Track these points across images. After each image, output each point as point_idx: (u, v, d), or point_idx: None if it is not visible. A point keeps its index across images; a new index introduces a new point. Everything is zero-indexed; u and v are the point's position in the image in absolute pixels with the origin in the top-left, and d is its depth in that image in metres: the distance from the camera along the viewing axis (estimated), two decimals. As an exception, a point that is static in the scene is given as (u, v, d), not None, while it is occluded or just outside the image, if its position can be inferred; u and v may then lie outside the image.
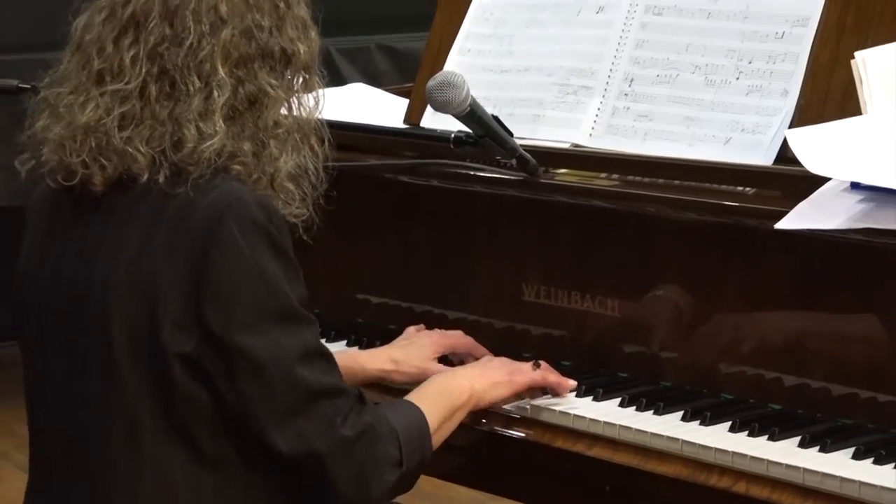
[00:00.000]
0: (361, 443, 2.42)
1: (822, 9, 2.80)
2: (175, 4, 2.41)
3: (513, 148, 2.88)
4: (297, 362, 2.38)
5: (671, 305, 2.80)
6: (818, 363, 2.63)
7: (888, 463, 2.41)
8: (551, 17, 3.14)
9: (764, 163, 2.75)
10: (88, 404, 2.45)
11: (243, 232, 2.35)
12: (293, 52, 2.49)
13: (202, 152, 2.37)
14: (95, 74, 2.42)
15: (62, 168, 2.42)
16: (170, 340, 2.36)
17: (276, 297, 2.38)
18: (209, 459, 2.42)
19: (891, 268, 2.51)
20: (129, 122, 2.39)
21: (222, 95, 2.39)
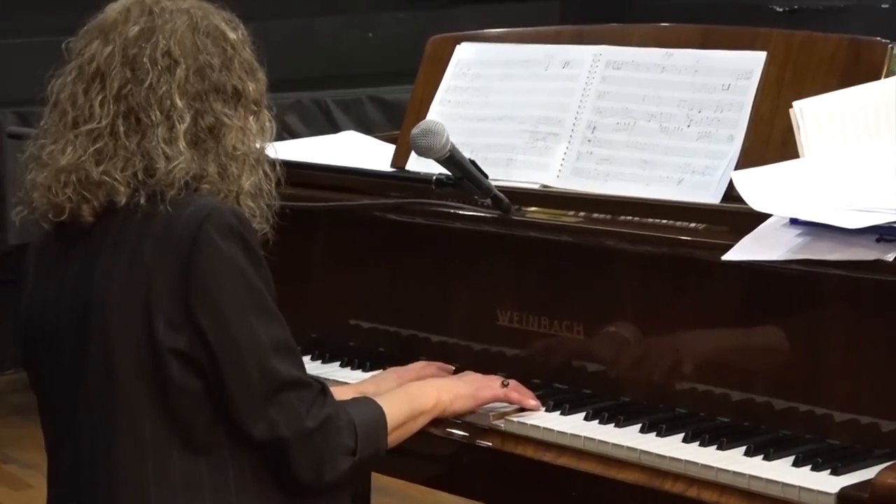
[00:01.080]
0: (321, 433, 2.46)
1: (764, 64, 2.81)
2: (133, 53, 2.47)
3: (488, 189, 2.89)
4: (271, 354, 2.43)
5: (630, 329, 2.80)
6: (761, 380, 2.64)
7: (824, 470, 2.41)
8: (522, 72, 3.15)
9: (712, 201, 2.76)
10: (91, 409, 2.47)
11: (222, 236, 2.40)
12: (242, 89, 2.54)
13: (172, 174, 2.42)
14: (71, 122, 2.48)
15: (52, 207, 2.48)
16: (164, 338, 2.40)
17: (253, 294, 2.43)
18: (203, 445, 2.46)
19: (825, 294, 2.53)
20: (103, 157, 2.44)
21: (183, 123, 2.45)
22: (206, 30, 2.52)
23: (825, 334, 2.55)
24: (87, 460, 2.50)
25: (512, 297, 2.96)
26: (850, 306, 2.51)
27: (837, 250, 2.41)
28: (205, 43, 2.51)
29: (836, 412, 2.54)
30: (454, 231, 3.03)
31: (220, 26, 2.54)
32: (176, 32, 2.49)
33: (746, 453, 2.52)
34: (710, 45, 2.92)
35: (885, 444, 2.47)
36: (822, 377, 2.56)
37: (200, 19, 2.53)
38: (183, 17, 2.51)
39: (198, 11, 2.54)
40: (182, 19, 2.51)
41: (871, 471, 2.34)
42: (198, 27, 2.51)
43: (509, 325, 2.97)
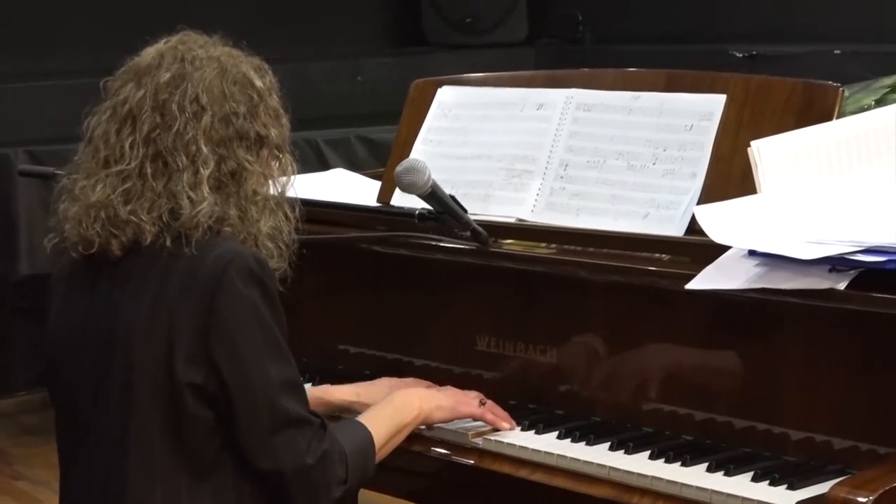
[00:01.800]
0: (318, 468, 2.46)
1: (724, 106, 2.82)
2: (163, 98, 2.46)
3: (467, 222, 2.88)
4: (280, 392, 2.43)
5: (600, 353, 2.80)
6: (722, 401, 2.64)
7: (781, 484, 2.41)
8: (499, 114, 3.15)
9: (676, 234, 2.76)
10: (107, 433, 2.46)
11: (243, 281, 2.40)
12: (266, 135, 2.53)
13: (197, 217, 2.41)
14: (102, 160, 2.48)
15: (82, 240, 2.46)
16: (183, 372, 2.39)
17: (268, 336, 2.43)
18: (209, 470, 2.46)
19: (781, 321, 2.53)
20: (131, 196, 2.44)
21: (207, 169, 2.44)
22: (234, 78, 2.51)
23: (781, 358, 2.55)
24: (101, 479, 2.49)
25: (489, 324, 2.96)
26: (804, 332, 2.51)
27: (793, 280, 2.41)
28: (232, 91, 2.50)
29: (792, 431, 2.54)
30: (436, 262, 3.03)
31: (248, 74, 2.54)
32: (205, 80, 2.48)
33: (708, 469, 2.51)
34: (674, 88, 2.92)
35: (838, 461, 2.47)
36: (778, 398, 2.56)
37: (230, 67, 2.52)
38: (213, 65, 2.50)
39: (228, 59, 2.53)
40: (212, 67, 2.50)
41: (824, 485, 2.34)
42: (226, 75, 2.50)
43: (487, 350, 2.97)
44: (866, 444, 2.44)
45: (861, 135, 2.74)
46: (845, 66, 5.44)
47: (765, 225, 2.52)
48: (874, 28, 6.28)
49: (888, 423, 2.37)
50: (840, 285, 2.37)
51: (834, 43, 6.20)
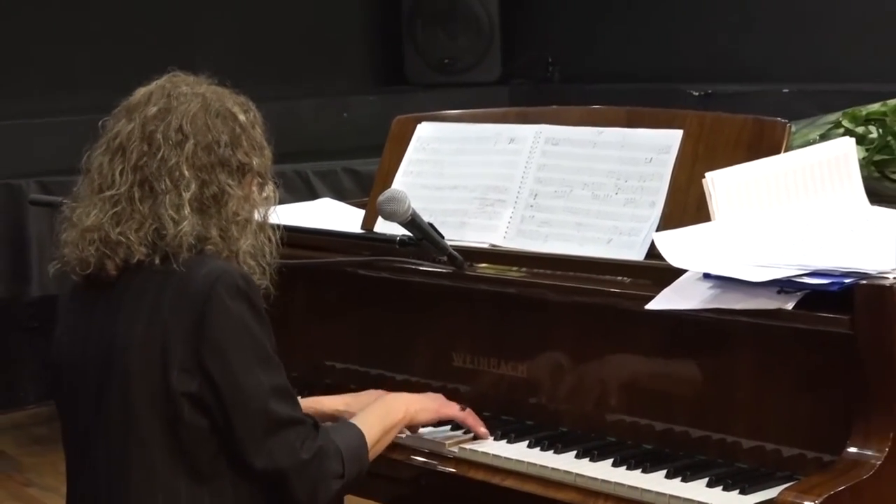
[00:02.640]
0: (314, 463, 2.45)
1: (680, 140, 2.82)
2: (150, 129, 2.49)
3: (444, 248, 2.88)
4: (270, 397, 2.43)
5: (567, 368, 2.80)
6: (680, 412, 2.63)
7: (734, 490, 2.41)
8: (474, 147, 3.15)
9: (637, 258, 2.76)
10: (110, 443, 2.46)
11: (230, 296, 2.41)
12: (248, 163, 2.54)
13: (179, 236, 2.42)
14: (97, 188, 2.50)
15: (79, 261, 2.48)
16: (178, 382, 2.40)
17: (256, 346, 2.43)
18: (207, 476, 2.45)
19: (734, 338, 2.53)
20: (121, 219, 2.45)
21: (188, 192, 2.45)
22: (217, 111, 2.52)
23: (734, 372, 2.55)
24: (104, 485, 2.48)
25: (465, 341, 2.96)
26: (755, 348, 2.51)
27: (744, 300, 2.42)
28: (215, 122, 2.51)
29: (743, 440, 2.54)
30: (415, 284, 3.02)
31: (231, 108, 2.55)
32: (189, 113, 2.49)
33: (667, 476, 2.51)
34: (635, 124, 2.92)
35: (786, 468, 2.47)
36: (731, 409, 2.56)
37: (213, 102, 2.53)
38: (197, 100, 2.52)
39: (212, 95, 2.55)
40: (196, 101, 2.51)
41: (773, 490, 2.34)
42: (209, 108, 2.52)
43: (463, 366, 2.96)
44: (812, 452, 2.44)
45: (807, 167, 2.75)
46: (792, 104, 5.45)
47: (718, 250, 2.52)
48: (819, 69, 6.31)
49: (832, 432, 2.37)
50: (788, 305, 2.38)
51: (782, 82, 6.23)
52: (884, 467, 2.29)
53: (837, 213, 2.71)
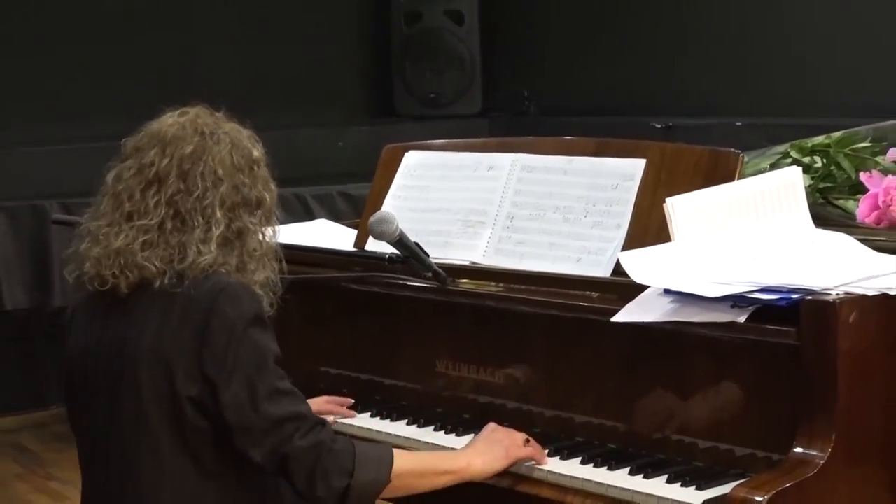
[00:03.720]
0: (313, 453, 2.40)
1: (644, 168, 2.82)
2: (187, 168, 2.47)
3: (429, 265, 2.88)
4: (266, 400, 2.39)
5: (539, 375, 2.80)
6: (642, 415, 2.63)
7: (691, 486, 2.41)
8: (456, 174, 3.15)
9: (604, 275, 2.76)
10: (121, 439, 2.45)
11: (231, 307, 2.40)
12: (262, 199, 2.54)
13: (198, 264, 2.42)
14: (126, 214, 2.47)
15: (98, 277, 2.47)
16: (182, 387, 2.38)
17: (253, 352, 2.40)
18: (212, 472, 2.44)
19: (691, 348, 2.53)
20: (149, 246, 2.44)
21: (218, 229, 2.45)
22: (241, 153, 2.52)
23: (691, 379, 2.55)
24: (116, 479, 2.47)
25: (447, 350, 2.95)
26: (710, 357, 2.51)
27: (701, 314, 2.42)
28: (240, 163, 2.51)
29: (700, 440, 2.54)
30: (403, 298, 3.01)
31: (249, 148, 2.55)
32: (221, 154, 2.49)
33: (630, 473, 2.51)
34: (603, 153, 2.92)
35: (738, 466, 2.46)
36: (689, 412, 2.56)
37: (237, 142, 2.53)
38: (226, 141, 2.51)
39: (235, 135, 2.55)
40: (225, 143, 2.50)
41: (727, 487, 2.34)
42: (236, 150, 2.51)
43: (445, 372, 2.96)
44: (762, 451, 2.44)
45: (758, 193, 2.75)
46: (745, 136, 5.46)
47: (678, 268, 2.52)
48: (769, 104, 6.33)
49: (780, 434, 2.37)
50: (740, 318, 2.38)
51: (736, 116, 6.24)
52: (827, 466, 2.28)
53: (785, 236, 2.72)
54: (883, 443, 2.39)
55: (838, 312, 2.30)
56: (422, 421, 2.89)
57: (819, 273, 2.44)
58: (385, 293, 3.04)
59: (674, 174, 2.78)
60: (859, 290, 2.37)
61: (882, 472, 2.40)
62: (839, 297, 2.33)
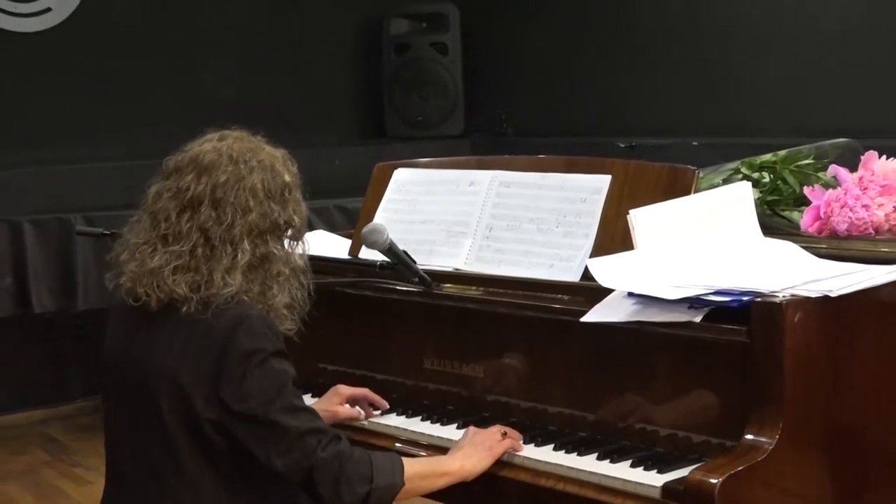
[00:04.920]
0: (336, 462, 2.36)
1: (609, 183, 2.82)
2: (220, 196, 2.41)
3: (416, 271, 2.88)
4: (287, 416, 2.35)
5: (516, 369, 2.79)
6: (609, 405, 2.63)
7: (653, 470, 2.41)
8: (441, 188, 3.14)
9: (574, 280, 2.76)
10: (145, 444, 2.41)
11: (249, 339, 2.34)
12: (290, 221, 2.49)
13: (223, 293, 2.36)
14: (162, 236, 2.41)
15: (132, 293, 2.41)
16: (201, 409, 2.34)
17: (270, 379, 2.35)
18: (227, 479, 2.39)
19: (653, 345, 2.52)
20: (180, 270, 2.38)
21: (244, 258, 2.39)
22: (273, 181, 2.45)
23: (653, 373, 2.55)
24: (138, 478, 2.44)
25: (433, 348, 2.94)
26: (670, 354, 2.51)
27: (661, 314, 2.42)
28: (271, 192, 2.44)
29: (661, 429, 2.54)
30: (392, 301, 3.01)
31: (283, 176, 2.48)
32: (253, 184, 2.42)
33: (598, 458, 2.50)
34: (573, 170, 2.93)
35: (696, 452, 2.46)
36: (651, 403, 2.56)
37: (270, 171, 2.46)
38: (260, 171, 2.44)
39: (269, 162, 2.48)
40: (258, 173, 2.44)
41: (685, 470, 2.34)
42: (267, 180, 2.45)
43: (431, 368, 2.95)
44: (716, 439, 2.43)
45: (712, 206, 2.75)
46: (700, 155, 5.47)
47: (640, 273, 2.52)
48: (722, 126, 6.34)
49: (732, 422, 2.37)
50: (697, 318, 2.38)
51: (692, 137, 6.25)
52: (775, 451, 2.28)
53: (737, 244, 2.72)
54: (823, 429, 2.39)
55: (785, 313, 2.30)
56: (410, 412, 2.88)
57: (767, 277, 2.45)
58: (377, 296, 3.03)
59: (636, 188, 2.78)
60: (803, 292, 2.37)
61: (822, 455, 2.40)
62: (785, 299, 2.33)
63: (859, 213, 2.82)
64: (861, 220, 2.82)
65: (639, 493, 2.37)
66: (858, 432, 2.48)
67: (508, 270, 2.88)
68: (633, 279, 2.49)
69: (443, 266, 3.00)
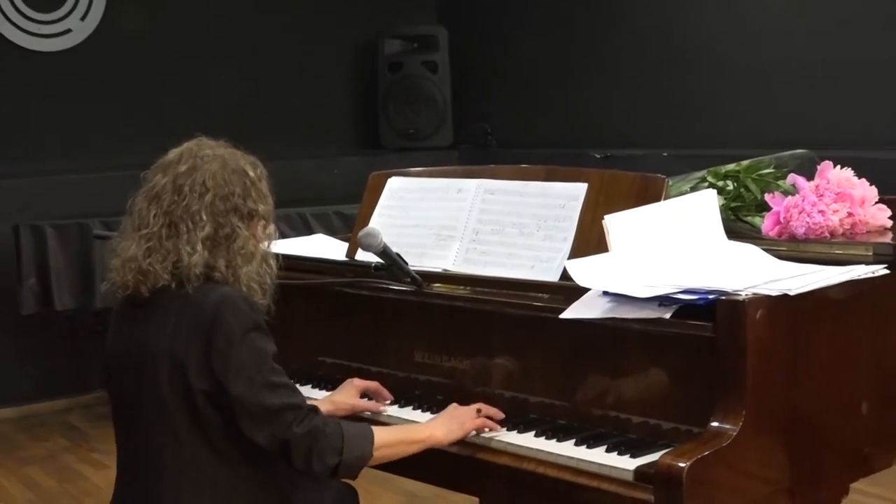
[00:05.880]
0: (309, 437, 2.38)
1: (586, 191, 2.82)
2: (180, 183, 2.45)
3: (408, 272, 2.87)
4: (266, 393, 2.36)
5: (500, 363, 2.79)
6: (585, 395, 2.62)
7: (626, 454, 2.41)
8: (431, 195, 3.13)
9: (553, 280, 2.75)
10: (147, 424, 2.42)
11: (232, 316, 2.36)
12: (254, 210, 2.50)
13: (191, 267, 2.38)
14: (136, 227, 2.46)
15: (121, 284, 2.46)
16: (195, 382, 2.36)
17: (252, 353, 2.37)
18: (224, 455, 2.41)
19: (626, 340, 2.52)
20: (151, 252, 2.42)
21: (203, 232, 2.41)
22: (233, 168, 2.49)
23: (626, 365, 2.55)
24: (143, 460, 2.45)
25: (424, 342, 2.94)
26: (642, 347, 2.51)
27: (634, 311, 2.42)
28: (231, 178, 2.47)
29: (633, 416, 2.54)
30: (386, 299, 3.00)
31: (244, 167, 2.51)
32: (210, 170, 2.46)
33: (575, 444, 2.50)
34: (552, 178, 2.92)
35: (665, 438, 2.46)
36: (624, 393, 2.56)
37: (230, 161, 2.49)
38: (218, 160, 2.48)
39: (229, 156, 2.51)
40: (217, 162, 2.48)
41: (656, 455, 2.34)
42: (227, 167, 2.48)
43: (422, 361, 2.94)
44: (685, 425, 2.43)
45: (681, 211, 2.75)
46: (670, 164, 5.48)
47: (614, 273, 2.52)
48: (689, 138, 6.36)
49: (699, 411, 2.37)
50: (666, 315, 2.38)
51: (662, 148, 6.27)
52: (738, 437, 2.29)
53: (703, 246, 2.72)
54: (782, 417, 2.39)
55: (747, 310, 2.31)
56: (402, 401, 2.88)
57: (731, 277, 2.45)
58: (372, 295, 3.02)
59: (611, 196, 2.78)
60: (764, 291, 2.37)
61: (782, 440, 2.41)
62: (748, 297, 2.33)
63: (816, 218, 2.82)
64: (817, 225, 2.82)
65: (613, 476, 2.37)
66: (815, 419, 2.48)
67: (493, 271, 2.88)
68: (608, 279, 2.49)
69: (433, 267, 2.99)
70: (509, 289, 2.78)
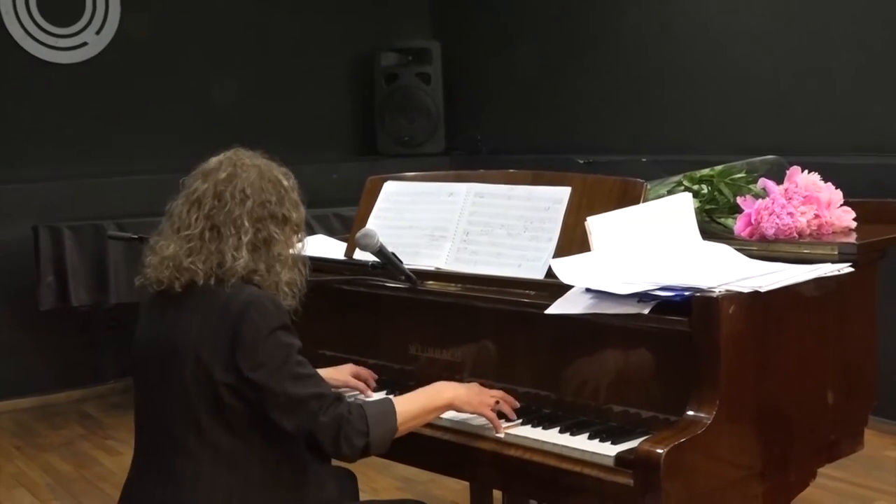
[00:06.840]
0: (335, 424, 2.36)
1: (570, 194, 2.81)
2: (220, 189, 2.44)
3: (403, 270, 2.87)
4: (289, 384, 2.35)
5: (489, 355, 2.78)
6: (569, 386, 2.62)
7: (607, 441, 2.41)
8: (425, 199, 3.13)
9: (538, 277, 2.75)
10: (169, 411, 2.41)
11: (259, 315, 2.34)
12: (289, 216, 2.50)
13: (234, 269, 2.38)
14: (176, 229, 2.45)
15: (156, 280, 2.44)
16: (219, 376, 2.34)
17: (278, 349, 2.36)
18: (243, 439, 2.39)
19: (607, 334, 2.52)
20: (192, 252, 2.41)
21: (246, 237, 2.41)
22: (269, 178, 2.49)
23: (606, 357, 2.55)
24: (165, 444, 2.43)
25: (417, 336, 2.93)
26: (621, 341, 2.50)
27: (614, 307, 2.41)
28: (267, 186, 2.47)
29: (614, 405, 2.53)
30: (382, 296, 3.00)
31: (278, 176, 2.51)
32: (249, 178, 2.46)
33: (560, 432, 2.50)
34: (538, 183, 2.92)
35: (644, 426, 2.46)
36: (605, 384, 2.55)
37: (266, 171, 2.50)
38: (255, 169, 2.48)
39: (265, 166, 2.51)
40: (254, 171, 2.48)
41: (635, 442, 2.34)
42: (264, 176, 2.48)
43: (416, 353, 2.94)
44: (663, 414, 2.43)
45: (658, 213, 2.75)
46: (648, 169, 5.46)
47: (596, 272, 2.52)
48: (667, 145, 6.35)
49: (676, 401, 2.37)
50: (645, 311, 2.38)
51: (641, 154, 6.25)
52: (712, 425, 2.28)
53: (679, 246, 2.72)
54: (752, 406, 2.39)
55: (721, 306, 2.30)
56: (397, 392, 2.85)
57: (706, 275, 2.45)
58: (368, 292, 3.02)
59: (593, 199, 2.77)
60: (737, 288, 2.37)
61: (753, 429, 2.40)
62: (721, 293, 2.33)
63: (785, 220, 2.82)
64: (786, 226, 2.82)
65: (595, 462, 2.37)
66: (784, 408, 2.48)
67: (482, 269, 2.87)
68: (591, 277, 2.49)
69: (426, 266, 2.99)
70: (498, 286, 2.77)
